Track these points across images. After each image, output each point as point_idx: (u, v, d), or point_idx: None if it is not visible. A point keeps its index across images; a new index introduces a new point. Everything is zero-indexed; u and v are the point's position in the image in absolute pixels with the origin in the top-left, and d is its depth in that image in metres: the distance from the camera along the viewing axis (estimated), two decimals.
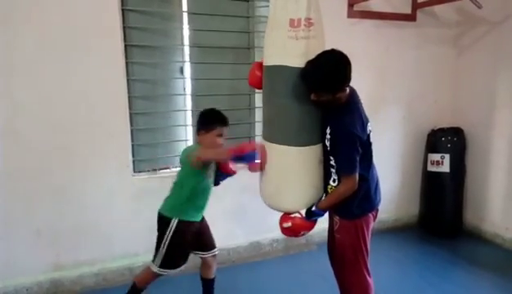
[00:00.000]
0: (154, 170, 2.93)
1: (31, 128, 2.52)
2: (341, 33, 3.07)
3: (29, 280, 2.64)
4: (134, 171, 2.84)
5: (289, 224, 1.91)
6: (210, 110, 2.15)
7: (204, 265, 2.33)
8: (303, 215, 1.94)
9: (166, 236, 2.06)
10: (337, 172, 1.85)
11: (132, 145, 2.83)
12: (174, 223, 2.07)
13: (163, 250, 2.08)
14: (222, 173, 2.22)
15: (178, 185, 2.13)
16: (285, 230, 1.95)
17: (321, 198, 1.95)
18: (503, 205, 3.40)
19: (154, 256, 2.12)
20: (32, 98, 2.49)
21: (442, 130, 3.56)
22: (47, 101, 2.52)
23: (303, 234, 1.96)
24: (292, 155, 1.87)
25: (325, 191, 1.94)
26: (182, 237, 2.10)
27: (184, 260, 2.17)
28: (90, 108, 2.62)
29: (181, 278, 2.47)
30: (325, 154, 1.88)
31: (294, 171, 1.90)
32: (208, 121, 2.09)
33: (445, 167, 3.49)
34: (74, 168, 2.64)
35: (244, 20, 3.04)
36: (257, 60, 3.06)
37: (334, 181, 1.88)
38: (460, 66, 3.69)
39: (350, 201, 1.84)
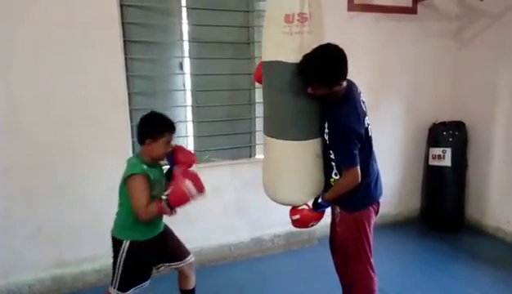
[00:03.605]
0: None
1: (31, 125, 2.51)
2: (341, 27, 3.06)
3: (31, 277, 2.65)
4: None
5: (298, 216, 1.96)
6: (155, 115, 1.93)
7: (181, 275, 2.14)
8: (311, 206, 1.98)
9: (119, 259, 1.91)
10: (337, 166, 1.88)
11: (133, 142, 2.81)
12: (126, 245, 1.90)
13: (118, 272, 1.93)
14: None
15: (123, 206, 1.94)
16: (295, 222, 2.01)
17: (325, 190, 1.97)
18: (504, 199, 3.40)
19: (112, 279, 1.96)
20: (31, 94, 2.48)
21: (443, 124, 3.55)
22: (47, 98, 2.52)
23: (313, 225, 2.00)
24: (288, 149, 1.91)
25: (327, 184, 1.96)
26: (137, 258, 1.93)
27: (143, 279, 1.99)
28: (90, 104, 2.61)
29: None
30: (325, 148, 1.90)
31: (290, 165, 1.93)
32: (155, 128, 1.86)
33: (446, 161, 3.48)
34: (74, 164, 2.64)
35: (244, 14, 3.02)
36: (256, 54, 3.05)
37: (336, 175, 1.90)
38: (461, 60, 3.67)
39: (351, 193, 1.86)
